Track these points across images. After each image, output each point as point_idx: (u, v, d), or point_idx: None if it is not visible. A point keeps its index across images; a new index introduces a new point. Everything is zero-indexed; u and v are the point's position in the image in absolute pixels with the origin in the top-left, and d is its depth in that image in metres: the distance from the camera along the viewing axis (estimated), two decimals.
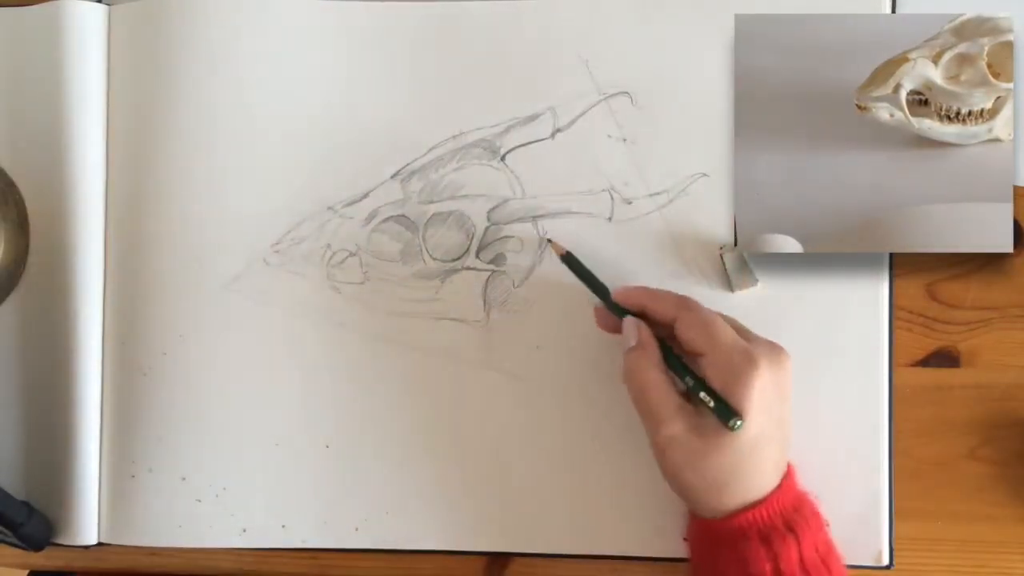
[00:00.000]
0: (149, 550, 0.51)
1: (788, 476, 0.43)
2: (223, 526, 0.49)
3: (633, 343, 0.44)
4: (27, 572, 0.52)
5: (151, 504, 0.50)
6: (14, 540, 0.48)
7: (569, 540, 0.48)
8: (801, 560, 0.41)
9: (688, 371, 0.43)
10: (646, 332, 0.44)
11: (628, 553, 0.48)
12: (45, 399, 0.50)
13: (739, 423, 0.40)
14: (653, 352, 0.43)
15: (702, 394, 0.41)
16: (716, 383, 0.41)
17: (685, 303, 0.43)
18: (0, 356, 0.51)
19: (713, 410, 0.41)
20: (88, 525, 0.50)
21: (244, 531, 0.49)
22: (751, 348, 0.41)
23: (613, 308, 0.46)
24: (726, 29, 0.49)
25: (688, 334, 0.42)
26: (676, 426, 0.41)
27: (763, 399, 0.40)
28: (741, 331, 0.43)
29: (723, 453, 0.40)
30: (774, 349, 0.42)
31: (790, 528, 0.41)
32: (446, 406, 0.49)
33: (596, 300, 0.47)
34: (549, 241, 0.48)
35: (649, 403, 0.42)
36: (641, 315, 0.45)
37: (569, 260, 0.47)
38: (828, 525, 0.44)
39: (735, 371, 0.41)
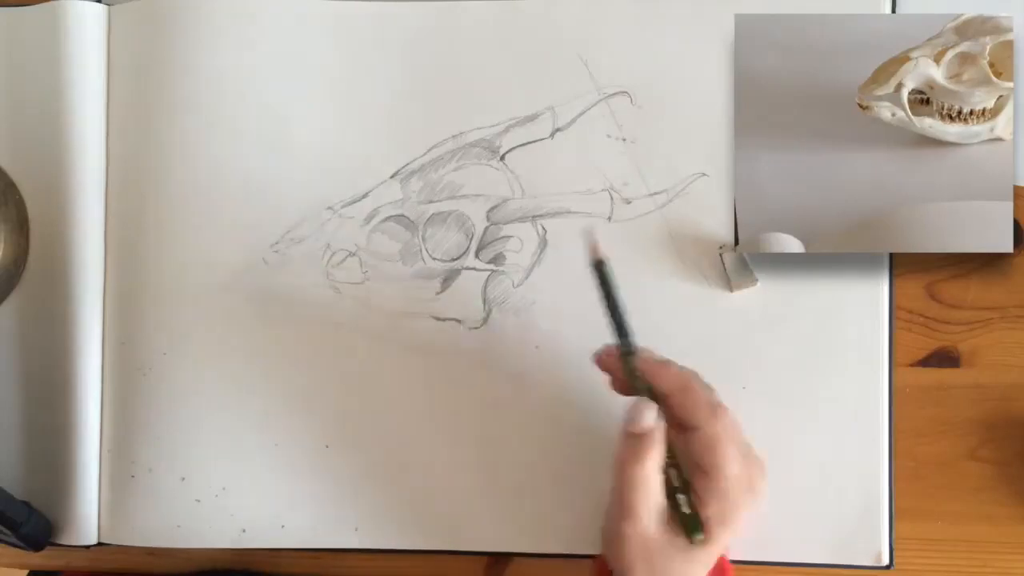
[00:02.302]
0: (148, 550, 0.51)
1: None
2: (223, 526, 0.49)
3: (638, 431, 0.40)
4: (27, 572, 0.52)
5: (151, 504, 0.50)
6: (14, 540, 0.48)
7: (569, 540, 0.48)
8: None
9: (680, 476, 0.40)
10: (661, 429, 0.40)
11: None
12: (45, 399, 0.50)
13: (701, 538, 0.39)
14: (659, 453, 0.40)
15: (680, 496, 0.40)
16: (707, 507, 0.39)
17: (715, 412, 0.40)
18: (0, 356, 0.51)
19: (684, 516, 0.39)
20: (88, 525, 0.50)
21: (244, 531, 0.49)
22: (756, 481, 0.40)
23: (628, 370, 0.41)
24: (726, 29, 0.49)
25: (697, 448, 0.40)
26: (650, 527, 0.39)
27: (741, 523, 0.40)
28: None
29: (681, 559, 0.40)
30: (764, 475, 0.41)
31: None
32: (446, 406, 0.49)
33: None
34: (590, 234, 0.42)
35: (632, 497, 0.39)
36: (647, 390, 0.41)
37: (600, 272, 0.42)
38: None
39: (733, 502, 0.39)
